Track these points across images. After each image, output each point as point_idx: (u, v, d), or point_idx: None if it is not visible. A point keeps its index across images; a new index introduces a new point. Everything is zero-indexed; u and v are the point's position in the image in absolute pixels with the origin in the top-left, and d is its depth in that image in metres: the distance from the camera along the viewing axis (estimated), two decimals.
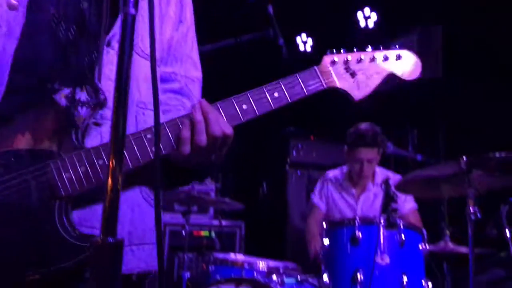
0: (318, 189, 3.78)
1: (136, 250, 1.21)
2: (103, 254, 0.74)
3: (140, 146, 1.10)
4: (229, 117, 1.17)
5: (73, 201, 1.09)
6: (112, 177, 0.77)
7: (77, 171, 1.07)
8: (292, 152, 5.08)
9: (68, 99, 1.11)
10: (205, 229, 4.21)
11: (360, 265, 2.31)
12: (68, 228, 1.05)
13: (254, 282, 2.53)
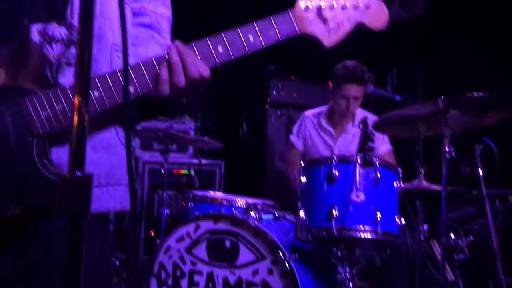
0: (297, 128, 3.80)
1: (112, 191, 1.23)
2: (71, 188, 0.73)
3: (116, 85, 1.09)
4: (204, 59, 1.15)
5: (52, 139, 1.08)
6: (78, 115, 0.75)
7: (54, 109, 1.05)
8: (272, 92, 5.04)
9: (41, 35, 1.08)
10: (184, 167, 4.23)
11: (335, 202, 2.35)
12: (47, 165, 1.05)
13: (232, 218, 2.58)
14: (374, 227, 2.31)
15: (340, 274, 2.45)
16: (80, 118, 0.75)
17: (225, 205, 2.91)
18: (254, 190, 4.45)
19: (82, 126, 0.75)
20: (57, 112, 1.05)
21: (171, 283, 2.64)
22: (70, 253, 0.73)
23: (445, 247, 2.41)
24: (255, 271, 2.46)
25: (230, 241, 2.55)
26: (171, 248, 2.68)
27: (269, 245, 2.45)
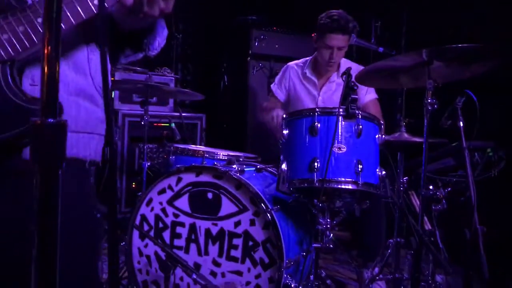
0: (279, 78, 3.76)
1: (88, 139, 1.19)
2: (44, 135, 0.69)
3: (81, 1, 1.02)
4: None
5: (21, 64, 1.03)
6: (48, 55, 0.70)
7: (16, 32, 0.99)
8: (254, 43, 4.95)
9: None
10: (165, 120, 4.17)
11: (317, 154, 2.35)
12: (17, 91, 1.00)
13: (214, 171, 2.57)
14: (355, 178, 2.33)
15: (321, 225, 2.49)
16: (51, 59, 0.70)
17: (207, 158, 2.89)
18: (235, 143, 4.45)
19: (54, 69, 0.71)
20: (18, 34, 0.99)
21: (154, 234, 2.65)
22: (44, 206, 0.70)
23: (423, 198, 2.45)
24: (237, 222, 2.48)
25: (212, 193, 2.55)
26: (153, 200, 2.68)
27: (251, 197, 2.45)
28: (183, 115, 4.34)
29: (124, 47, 1.25)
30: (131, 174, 4.11)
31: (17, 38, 0.99)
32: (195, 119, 4.59)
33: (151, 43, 1.25)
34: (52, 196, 0.69)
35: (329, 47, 3.37)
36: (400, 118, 2.98)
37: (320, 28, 3.37)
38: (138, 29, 1.18)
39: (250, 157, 3.09)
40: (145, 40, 1.23)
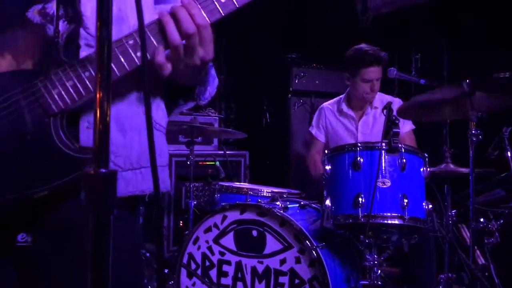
0: (315, 120, 3.79)
1: (145, 173, 1.22)
2: (96, 185, 0.75)
3: (124, 53, 1.08)
4: (208, 12, 1.11)
5: (68, 115, 1.09)
6: (100, 109, 0.76)
7: (66, 86, 1.06)
8: (294, 80, 5.03)
9: (41, 15, 1.07)
10: (209, 159, 4.26)
11: (361, 189, 2.35)
12: (67, 142, 1.06)
13: (258, 208, 2.59)
14: (401, 213, 2.30)
15: (368, 261, 2.45)
16: (102, 112, 0.76)
17: (251, 195, 2.92)
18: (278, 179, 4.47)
19: (105, 121, 0.76)
20: (68, 88, 1.06)
21: (201, 273, 2.68)
22: (97, 250, 0.75)
23: (474, 231, 2.38)
24: (283, 260, 2.48)
25: (257, 231, 2.57)
26: (199, 239, 2.72)
27: (295, 234, 2.46)
28: (227, 153, 4.43)
29: (177, 98, 1.31)
30: (178, 213, 4.19)
31: (66, 92, 1.05)
32: (239, 156, 4.66)
33: (203, 93, 1.30)
34: (104, 242, 0.74)
35: (367, 81, 3.39)
36: (446, 149, 2.93)
37: (353, 64, 3.40)
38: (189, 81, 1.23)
39: (294, 193, 3.10)
40: (196, 91, 1.28)
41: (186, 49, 1.09)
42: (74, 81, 1.06)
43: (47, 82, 1.05)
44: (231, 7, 1.13)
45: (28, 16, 1.06)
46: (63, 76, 1.05)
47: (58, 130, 1.06)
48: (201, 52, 1.11)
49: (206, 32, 1.10)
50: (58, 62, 1.07)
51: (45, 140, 1.05)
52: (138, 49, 1.08)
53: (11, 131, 1.03)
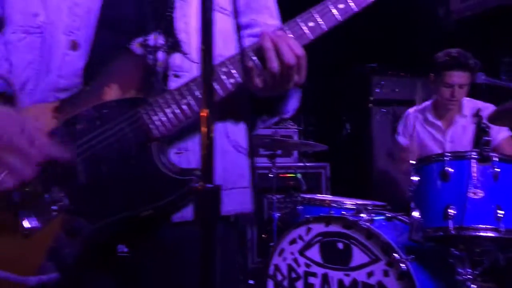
0: (401, 127, 3.70)
1: (230, 194, 1.28)
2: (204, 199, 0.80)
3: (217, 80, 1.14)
4: (297, 37, 1.17)
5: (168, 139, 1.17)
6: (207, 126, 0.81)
7: (165, 113, 1.14)
8: (375, 89, 4.95)
9: (143, 47, 1.16)
10: (290, 171, 4.29)
11: (451, 200, 2.26)
12: (168, 165, 1.14)
13: (343, 220, 2.58)
14: (495, 225, 2.19)
15: (460, 275, 2.35)
16: (208, 129, 0.82)
17: (334, 207, 2.91)
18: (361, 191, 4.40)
19: (210, 138, 0.82)
20: (168, 115, 1.14)
21: (287, 284, 2.70)
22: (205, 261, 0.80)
23: None
24: (370, 272, 2.44)
25: (342, 243, 2.55)
26: (284, 250, 2.75)
27: (383, 246, 2.41)
28: (308, 165, 4.44)
29: (261, 113, 1.36)
30: (261, 225, 4.25)
31: (166, 118, 1.14)
32: (319, 168, 4.65)
33: (286, 107, 1.34)
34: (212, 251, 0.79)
35: (449, 85, 3.27)
36: None
37: (438, 67, 3.30)
38: (274, 96, 1.27)
39: (378, 205, 3.05)
40: (280, 105, 1.32)
41: (283, 76, 1.14)
42: (173, 108, 1.14)
43: (148, 109, 1.14)
44: (319, 30, 1.17)
45: (131, 48, 1.15)
46: (162, 103, 1.14)
47: (159, 154, 1.14)
48: (296, 78, 1.17)
49: (303, 61, 1.15)
50: (158, 90, 1.16)
51: (148, 163, 1.13)
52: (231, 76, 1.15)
53: (118, 155, 1.12)
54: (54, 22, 1.15)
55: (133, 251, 1.21)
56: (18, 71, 1.16)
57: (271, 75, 1.14)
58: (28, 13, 1.16)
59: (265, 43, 1.13)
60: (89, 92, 1.14)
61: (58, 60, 1.15)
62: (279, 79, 1.15)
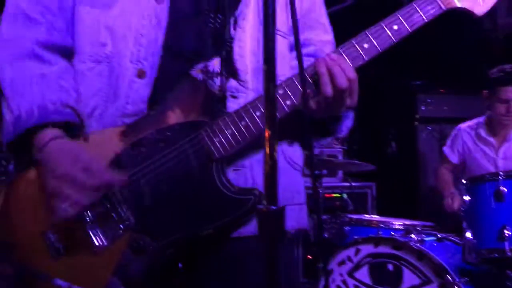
0: (451, 142, 3.64)
1: (288, 211, 1.30)
2: (268, 221, 0.83)
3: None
4: (352, 59, 1.20)
5: (228, 159, 1.22)
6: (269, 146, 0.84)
7: (225, 134, 1.19)
8: (421, 107, 4.89)
9: (204, 72, 1.22)
10: (336, 191, 4.27)
11: (507, 221, 2.21)
12: (227, 185, 1.19)
13: (393, 241, 2.55)
14: None
15: None
16: (271, 149, 0.85)
17: (383, 228, 2.88)
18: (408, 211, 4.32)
19: (273, 158, 0.85)
20: (227, 136, 1.19)
21: None
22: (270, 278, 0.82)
23: None
24: None
25: (392, 265, 2.52)
26: (333, 272, 2.73)
27: (435, 268, 2.37)
28: (353, 185, 4.40)
29: (316, 133, 1.38)
30: (307, 245, 4.22)
31: (226, 140, 1.19)
32: (365, 188, 4.60)
33: (340, 127, 1.36)
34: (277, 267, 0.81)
35: (504, 101, 3.21)
36: None
37: (492, 83, 3.25)
38: (328, 117, 1.30)
39: (428, 226, 2.99)
40: (334, 125, 1.34)
41: (336, 99, 1.18)
42: (232, 129, 1.19)
43: (209, 131, 1.19)
44: (374, 51, 1.20)
45: (192, 74, 1.22)
46: (222, 125, 1.19)
47: (219, 174, 1.19)
48: (349, 101, 1.20)
49: (355, 85, 1.19)
50: (218, 112, 1.21)
51: (209, 184, 1.18)
52: (288, 97, 1.19)
53: (181, 176, 1.18)
54: (121, 51, 1.22)
55: (194, 267, 1.25)
56: (86, 99, 1.23)
57: (324, 98, 1.18)
58: (97, 43, 1.23)
59: (320, 68, 1.17)
60: (154, 117, 1.20)
61: (125, 88, 1.21)
62: (332, 102, 1.19)
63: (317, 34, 1.42)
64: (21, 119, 1.17)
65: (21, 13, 1.24)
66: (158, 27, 1.23)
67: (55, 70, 1.22)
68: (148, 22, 1.22)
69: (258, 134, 1.18)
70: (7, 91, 1.20)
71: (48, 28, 1.24)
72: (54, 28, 1.24)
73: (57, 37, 1.24)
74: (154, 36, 1.22)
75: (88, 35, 1.24)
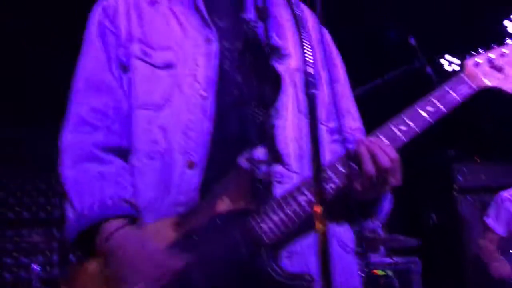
0: (494, 210, 3.55)
1: None
2: None
3: None
4: (390, 141, 1.24)
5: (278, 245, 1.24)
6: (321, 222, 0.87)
7: (273, 220, 1.23)
8: (458, 177, 4.83)
9: (249, 161, 1.28)
10: (379, 267, 4.15)
11: None
12: (279, 271, 1.21)
13: None
14: None
15: None
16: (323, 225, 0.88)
17: None
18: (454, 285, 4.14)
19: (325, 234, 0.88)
20: (276, 222, 1.22)
21: None
22: None
23: None
24: None
25: None
26: None
27: None
28: (397, 261, 4.28)
29: (356, 215, 1.40)
30: None
31: (274, 226, 1.22)
32: (410, 263, 4.46)
33: (380, 209, 1.37)
34: None
35: None
36: None
37: None
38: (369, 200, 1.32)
39: None
40: (375, 208, 1.36)
41: (380, 180, 1.21)
42: (280, 215, 1.23)
43: (257, 218, 1.23)
44: (412, 133, 1.24)
45: (239, 163, 1.28)
46: (270, 211, 1.23)
47: (269, 259, 1.22)
48: (393, 181, 1.23)
49: (397, 164, 1.23)
50: (265, 199, 1.26)
51: (260, 270, 1.21)
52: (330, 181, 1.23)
53: (232, 263, 1.20)
54: (172, 146, 1.30)
55: None
56: (142, 193, 1.30)
57: (368, 179, 1.21)
58: (151, 142, 1.32)
59: (360, 149, 1.22)
60: (204, 206, 1.26)
61: (176, 179, 1.28)
62: (376, 182, 1.22)
63: (348, 122, 1.49)
64: (84, 216, 1.25)
65: (81, 121, 1.35)
66: (205, 120, 1.31)
67: (113, 169, 1.31)
68: (195, 117, 1.31)
69: (305, 218, 1.21)
70: (70, 192, 1.29)
71: (105, 132, 1.34)
72: (111, 131, 1.34)
73: (113, 140, 1.34)
74: (201, 129, 1.30)
75: (143, 135, 1.32)
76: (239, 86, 1.35)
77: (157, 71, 1.34)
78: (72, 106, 1.39)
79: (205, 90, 1.32)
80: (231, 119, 1.33)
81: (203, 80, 1.33)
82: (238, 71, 1.36)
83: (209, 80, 1.33)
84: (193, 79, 1.33)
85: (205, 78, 1.33)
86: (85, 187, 1.28)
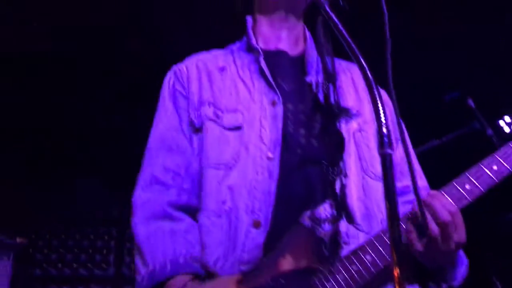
0: None
1: None
2: None
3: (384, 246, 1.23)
4: (455, 199, 1.23)
5: None
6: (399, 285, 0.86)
7: (337, 279, 1.23)
8: None
9: (311, 219, 1.29)
10: None
11: None
12: None
13: None
14: None
15: None
16: None
17: None
18: None
19: None
20: (339, 282, 1.22)
21: None
22: None
23: None
24: None
25: None
26: None
27: None
28: None
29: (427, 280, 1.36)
30: None
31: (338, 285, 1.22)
32: None
33: (454, 275, 1.33)
34: None
35: None
36: None
37: None
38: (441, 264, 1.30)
39: None
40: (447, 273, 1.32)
41: (443, 237, 1.20)
42: (344, 274, 1.24)
43: (321, 277, 1.24)
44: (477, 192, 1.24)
45: (302, 221, 1.30)
46: (334, 271, 1.24)
47: None
48: (456, 237, 1.22)
49: (458, 217, 1.22)
50: (329, 259, 1.27)
51: None
52: None
53: None
54: (238, 205, 1.34)
55: None
56: (210, 251, 1.34)
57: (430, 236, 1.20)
58: (219, 201, 1.36)
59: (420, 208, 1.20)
60: (267, 264, 1.27)
61: (242, 237, 1.31)
62: (439, 239, 1.20)
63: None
64: (156, 272, 1.29)
65: (154, 180, 1.42)
66: (270, 180, 1.34)
67: (183, 226, 1.36)
68: (261, 177, 1.35)
69: (370, 279, 1.20)
70: (142, 247, 1.34)
71: (177, 190, 1.41)
72: (182, 190, 1.41)
73: (184, 198, 1.41)
74: (267, 189, 1.34)
75: (212, 195, 1.37)
76: (302, 147, 1.39)
77: (226, 133, 1.41)
78: (145, 165, 1.47)
79: (271, 151, 1.37)
80: (295, 179, 1.36)
81: (269, 141, 1.38)
82: (302, 132, 1.41)
83: (275, 142, 1.38)
84: (259, 141, 1.39)
85: (271, 140, 1.38)
86: (158, 244, 1.33)
